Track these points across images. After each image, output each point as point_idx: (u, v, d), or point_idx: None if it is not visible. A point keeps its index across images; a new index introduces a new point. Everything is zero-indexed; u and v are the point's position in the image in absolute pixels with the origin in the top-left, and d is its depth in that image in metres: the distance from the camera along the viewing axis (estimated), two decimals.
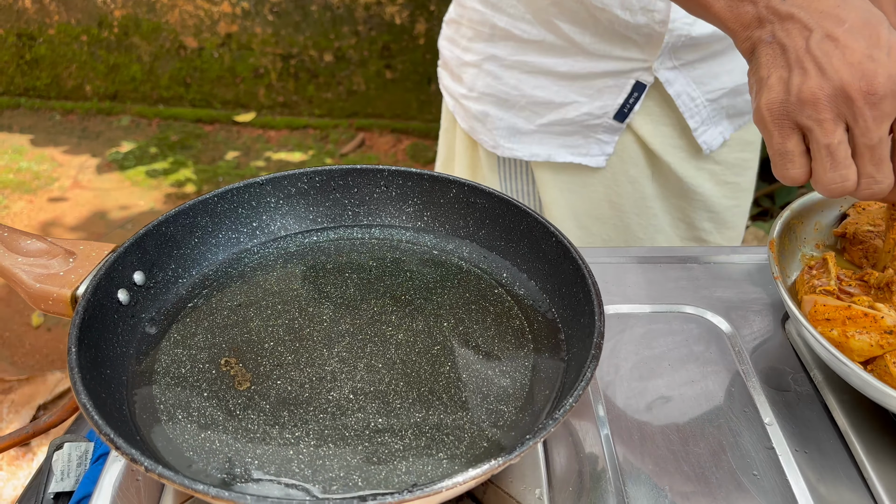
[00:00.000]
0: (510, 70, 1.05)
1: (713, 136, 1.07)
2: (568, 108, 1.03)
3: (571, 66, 1.01)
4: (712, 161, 1.11)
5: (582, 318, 0.62)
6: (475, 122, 1.11)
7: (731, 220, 1.17)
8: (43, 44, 3.63)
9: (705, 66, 1.02)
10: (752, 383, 0.70)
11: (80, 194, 3.12)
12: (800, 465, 0.62)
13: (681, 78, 1.01)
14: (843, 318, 0.63)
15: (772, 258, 0.70)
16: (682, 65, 1.00)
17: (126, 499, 0.58)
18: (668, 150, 1.07)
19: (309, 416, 0.59)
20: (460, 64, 1.11)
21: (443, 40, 1.17)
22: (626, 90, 1.01)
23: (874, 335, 0.61)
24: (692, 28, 0.95)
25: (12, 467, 2.03)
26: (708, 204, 1.13)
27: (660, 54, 0.97)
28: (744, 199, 1.18)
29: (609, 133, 1.05)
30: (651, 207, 1.13)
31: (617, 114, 1.03)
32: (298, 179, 0.77)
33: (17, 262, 0.65)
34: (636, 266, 0.84)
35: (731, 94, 1.05)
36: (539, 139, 1.07)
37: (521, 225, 0.72)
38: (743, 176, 1.15)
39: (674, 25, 0.94)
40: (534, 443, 0.50)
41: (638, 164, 1.09)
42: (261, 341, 0.65)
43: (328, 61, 3.44)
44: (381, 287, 0.72)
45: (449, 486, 0.47)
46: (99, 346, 0.60)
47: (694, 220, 1.15)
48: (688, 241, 1.18)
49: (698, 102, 1.03)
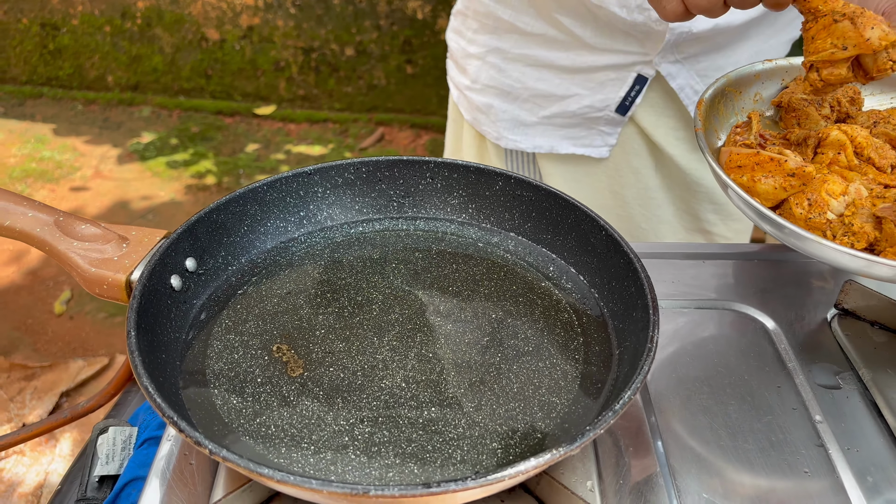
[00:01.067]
0: (513, 63, 1.06)
1: None
2: (570, 100, 1.04)
3: (573, 60, 1.01)
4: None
5: (634, 311, 0.63)
6: (479, 113, 1.12)
7: (737, 212, 1.16)
8: (66, 34, 3.65)
9: (708, 59, 1.01)
10: (800, 381, 0.69)
11: (101, 184, 3.14)
12: (851, 464, 0.62)
13: (683, 71, 1.01)
14: (752, 164, 0.66)
15: (696, 113, 0.72)
16: (685, 58, 1.00)
17: (181, 481, 0.59)
18: (671, 142, 1.07)
19: (362, 403, 0.59)
20: (465, 55, 1.12)
21: (450, 32, 1.18)
22: (627, 83, 1.01)
23: (778, 178, 0.65)
24: (693, 24, 0.95)
25: (35, 453, 2.04)
26: (712, 196, 1.13)
27: (661, 49, 0.97)
28: None
29: (611, 125, 1.05)
30: (654, 198, 1.13)
31: (619, 107, 1.03)
32: (345, 170, 0.77)
33: (72, 247, 0.65)
34: (678, 262, 0.84)
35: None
36: (542, 131, 1.08)
37: (569, 218, 0.72)
38: None
39: (674, 25, 0.94)
40: (594, 434, 0.50)
41: (641, 156, 1.09)
42: (312, 329, 0.66)
43: (349, 55, 3.44)
44: (427, 278, 0.72)
45: (512, 475, 0.48)
46: (154, 331, 0.61)
47: (698, 212, 1.15)
48: (692, 233, 1.18)
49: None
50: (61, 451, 2.04)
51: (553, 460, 0.49)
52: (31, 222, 0.66)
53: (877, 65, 0.63)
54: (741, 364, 0.72)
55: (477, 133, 1.16)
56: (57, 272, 2.63)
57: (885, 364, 0.69)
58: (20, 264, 2.67)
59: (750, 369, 0.71)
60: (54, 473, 1.99)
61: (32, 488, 1.96)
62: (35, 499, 1.94)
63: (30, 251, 2.73)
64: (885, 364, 0.69)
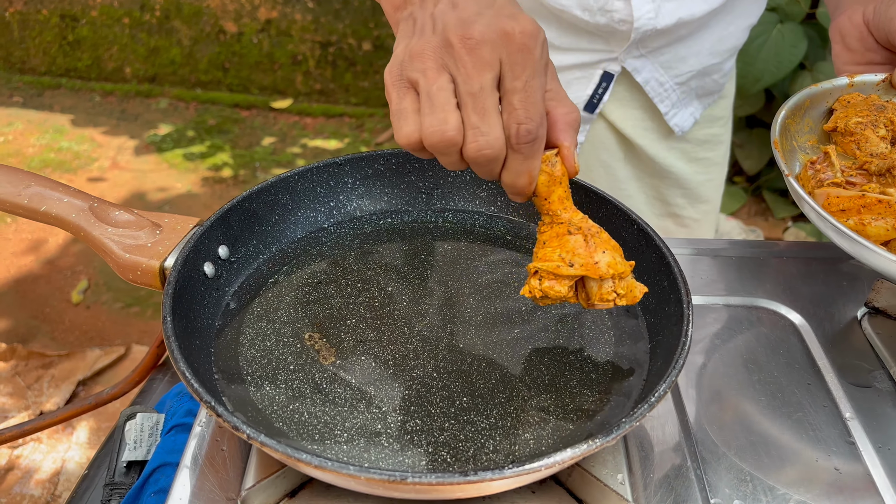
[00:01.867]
0: None
1: (684, 117, 1.08)
2: None
3: None
4: (683, 140, 1.12)
5: (667, 306, 0.62)
6: None
7: (705, 194, 1.19)
8: (85, 25, 3.67)
9: (672, 51, 1.02)
10: (830, 378, 0.69)
11: (118, 175, 3.15)
12: (884, 462, 0.61)
13: (648, 65, 1.02)
14: (858, 207, 0.65)
15: (778, 156, 0.71)
16: (649, 52, 1.00)
17: (212, 467, 0.59)
18: (639, 132, 1.08)
19: (395, 392, 0.59)
20: None
21: None
22: (594, 81, 1.02)
23: (889, 220, 0.64)
24: (657, 21, 0.95)
25: (52, 440, 2.06)
26: (681, 181, 1.15)
27: (627, 46, 0.98)
28: (716, 173, 1.19)
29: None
30: (625, 189, 1.14)
31: (587, 105, 1.04)
32: (375, 161, 0.77)
33: (106, 233, 0.66)
34: (707, 258, 0.84)
35: (700, 75, 1.06)
36: None
37: (600, 212, 0.72)
38: (714, 151, 1.16)
39: (639, 23, 0.94)
40: (630, 426, 0.50)
41: (610, 149, 1.10)
42: (343, 318, 0.66)
43: (366, 50, 3.44)
44: (456, 270, 0.72)
45: (549, 465, 0.48)
46: (188, 317, 0.61)
47: (667, 197, 1.17)
48: (663, 218, 1.20)
49: (667, 87, 1.04)
50: (78, 439, 2.06)
51: (590, 451, 0.49)
52: (66, 208, 0.66)
53: (600, 293, 0.58)
54: (770, 360, 0.71)
55: None
56: (74, 262, 2.65)
57: None
58: (38, 254, 2.69)
59: (779, 366, 0.71)
60: (71, 461, 2.01)
61: (49, 475, 1.97)
62: (52, 486, 1.96)
63: (48, 240, 2.75)
64: None
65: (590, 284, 0.59)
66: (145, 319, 2.45)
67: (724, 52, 1.06)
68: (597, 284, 0.58)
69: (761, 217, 2.68)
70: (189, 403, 0.77)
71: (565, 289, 0.58)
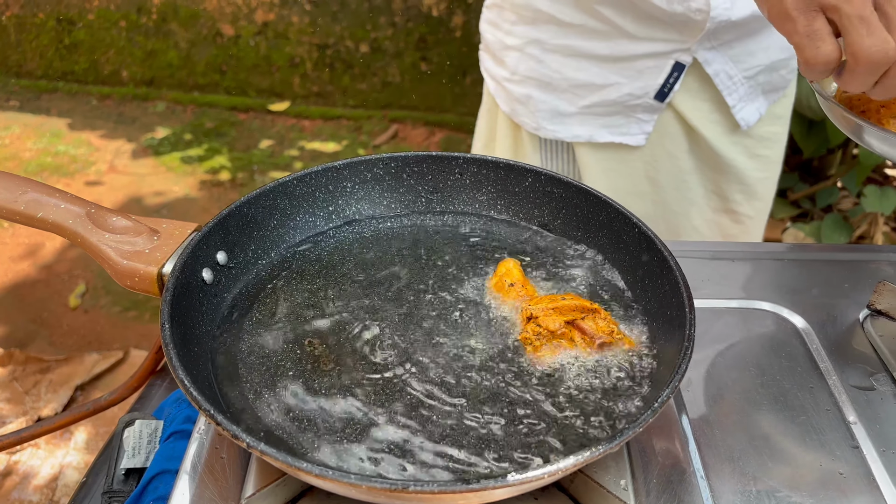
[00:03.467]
0: (552, 53, 1.06)
1: (750, 112, 1.10)
2: (609, 89, 1.06)
3: (612, 49, 1.03)
4: (746, 135, 1.13)
5: (669, 310, 0.62)
6: (517, 104, 1.13)
7: (761, 192, 1.20)
8: (82, 28, 3.66)
9: (742, 45, 1.03)
10: (833, 381, 0.69)
11: (115, 179, 3.15)
12: (888, 466, 0.61)
13: (719, 57, 1.03)
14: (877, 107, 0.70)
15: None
16: (720, 44, 1.02)
17: (212, 475, 0.59)
18: (705, 124, 1.10)
19: (395, 398, 0.59)
20: (503, 47, 1.12)
21: (484, 24, 1.18)
22: (665, 70, 1.03)
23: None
24: (731, 12, 0.96)
25: (50, 446, 2.05)
26: (741, 176, 1.16)
27: (700, 37, 0.99)
28: (773, 171, 1.21)
29: (648, 112, 1.07)
30: (687, 181, 1.16)
31: (657, 94, 1.05)
32: (374, 165, 0.77)
33: (104, 239, 0.65)
34: (707, 261, 0.84)
35: (768, 70, 1.07)
36: (581, 120, 1.10)
37: (601, 215, 0.72)
38: (773, 149, 1.18)
39: (715, 13, 0.96)
40: (633, 432, 0.50)
41: (676, 140, 1.12)
42: (343, 324, 0.66)
43: (364, 52, 3.44)
44: (457, 274, 0.71)
45: (552, 472, 0.47)
46: (187, 324, 0.61)
47: (726, 192, 1.18)
48: (719, 213, 1.21)
49: (736, 80, 1.05)
50: (76, 444, 2.05)
51: (593, 458, 0.49)
52: (63, 214, 0.66)
53: (596, 325, 0.64)
54: (773, 364, 0.71)
55: (512, 123, 1.17)
56: (71, 266, 2.64)
57: None
58: (36, 258, 2.68)
59: (782, 369, 0.70)
60: (69, 466, 2.00)
61: (47, 481, 1.97)
62: (50, 491, 1.95)
63: (45, 245, 2.74)
64: None
65: (587, 322, 0.64)
66: (144, 323, 2.45)
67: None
68: (592, 319, 0.64)
69: None
70: (188, 410, 0.76)
71: (559, 322, 0.63)
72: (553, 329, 0.63)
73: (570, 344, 0.63)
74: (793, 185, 2.63)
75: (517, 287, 0.68)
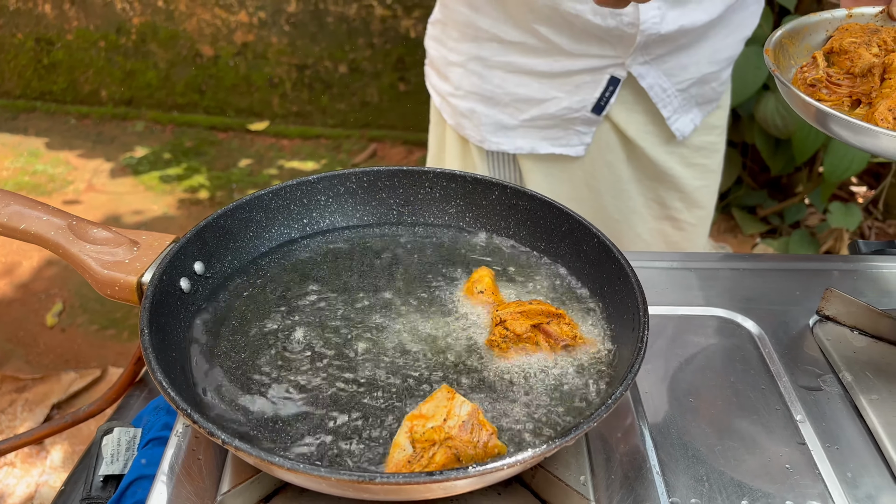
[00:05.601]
0: (494, 70, 1.11)
1: (685, 123, 1.15)
2: (549, 103, 1.11)
3: (551, 66, 1.08)
4: (682, 145, 1.18)
5: (625, 314, 0.65)
6: (462, 118, 1.17)
7: (701, 200, 1.25)
8: (61, 49, 3.68)
9: (674, 59, 1.09)
10: (783, 383, 0.72)
11: (94, 197, 3.15)
12: (832, 460, 0.64)
13: (652, 71, 1.08)
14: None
15: (768, 58, 0.76)
16: (653, 59, 1.07)
17: (189, 476, 0.61)
18: (641, 135, 1.15)
19: (366, 400, 0.62)
20: (447, 63, 1.17)
21: (429, 40, 1.23)
22: (601, 85, 1.08)
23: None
24: (661, 26, 1.02)
25: (26, 465, 2.04)
26: (679, 185, 1.21)
27: (632, 52, 1.04)
28: (712, 180, 1.26)
29: (587, 125, 1.13)
30: (626, 190, 1.21)
31: (594, 107, 1.10)
32: (348, 179, 0.80)
33: (84, 249, 0.68)
34: (668, 271, 0.87)
35: (699, 83, 1.12)
36: (523, 133, 1.15)
37: (563, 226, 0.75)
38: (711, 158, 1.23)
39: (644, 26, 1.01)
40: (587, 427, 0.53)
41: (614, 150, 1.17)
42: (316, 329, 0.68)
43: (342, 72, 3.48)
44: (427, 281, 0.75)
45: (510, 464, 0.50)
46: (165, 330, 0.63)
47: (666, 200, 1.23)
48: (660, 221, 1.25)
49: (669, 93, 1.11)
50: (52, 463, 2.04)
51: (549, 451, 0.52)
52: (45, 226, 0.68)
53: (561, 329, 0.67)
54: (727, 367, 0.75)
55: (460, 137, 1.21)
56: (49, 285, 2.64)
57: (863, 367, 0.73)
58: (12, 277, 2.68)
59: (735, 372, 0.74)
60: (45, 485, 1.99)
61: (23, 499, 1.96)
62: None
63: (21, 264, 2.73)
64: (863, 367, 0.73)
65: (552, 326, 0.67)
66: (122, 342, 2.45)
67: (722, 61, 1.13)
68: (557, 323, 0.67)
69: (730, 234, 2.74)
70: (166, 417, 0.78)
71: (526, 326, 0.66)
72: (520, 332, 0.66)
73: (534, 347, 0.67)
74: (762, 201, 2.70)
75: (486, 294, 0.72)
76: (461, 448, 0.55)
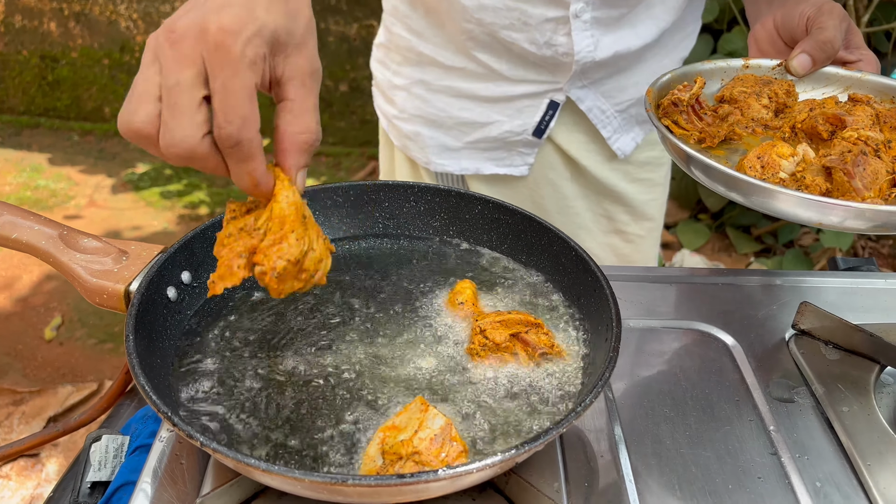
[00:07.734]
0: (437, 94, 1.14)
1: (626, 142, 1.17)
2: (491, 126, 1.13)
3: (492, 90, 1.10)
4: (626, 162, 1.20)
5: (600, 325, 0.67)
6: (408, 140, 1.20)
7: (648, 213, 1.27)
8: (65, 66, 3.72)
9: (613, 81, 1.11)
10: (757, 395, 0.74)
11: (95, 213, 3.18)
12: (801, 470, 0.66)
13: (590, 95, 1.11)
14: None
15: (646, 99, 0.78)
16: (591, 83, 1.09)
17: (171, 480, 0.63)
18: (584, 154, 1.17)
19: (345, 412, 0.63)
20: (391, 86, 1.19)
21: (374, 62, 1.25)
22: (541, 109, 1.11)
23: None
24: (595, 53, 1.04)
25: (21, 477, 2.05)
26: (624, 199, 1.23)
27: (569, 78, 1.06)
28: (659, 193, 1.27)
29: (529, 147, 1.15)
30: (572, 207, 1.23)
31: (535, 130, 1.12)
32: (334, 192, 0.82)
33: (74, 258, 0.69)
34: (647, 285, 0.89)
35: (638, 103, 1.15)
36: (467, 154, 1.17)
37: (543, 239, 0.77)
38: (656, 172, 1.24)
39: (579, 56, 1.03)
40: (557, 432, 0.55)
41: (557, 169, 1.19)
42: (301, 339, 0.70)
43: (343, 91, 3.52)
44: (411, 292, 0.76)
45: (480, 468, 0.52)
46: (150, 338, 0.65)
47: (612, 214, 1.25)
48: (609, 235, 1.27)
49: (609, 114, 1.13)
50: (47, 476, 2.05)
51: (519, 456, 0.53)
52: (36, 235, 0.70)
53: (539, 339, 0.68)
54: (703, 379, 0.76)
55: (408, 157, 1.23)
56: (48, 298, 2.66)
57: (836, 380, 0.74)
58: (12, 291, 2.70)
59: (711, 384, 0.75)
60: (39, 498, 2.00)
61: None
62: None
63: (21, 277, 2.75)
64: (836, 380, 0.74)
65: (530, 335, 0.68)
66: (119, 355, 2.46)
67: None
68: (535, 333, 0.68)
69: (725, 253, 2.76)
70: (153, 425, 0.80)
71: (505, 335, 0.68)
72: (499, 342, 0.68)
73: (511, 357, 0.68)
74: (756, 221, 2.71)
75: (467, 305, 0.73)
76: (428, 463, 0.56)
